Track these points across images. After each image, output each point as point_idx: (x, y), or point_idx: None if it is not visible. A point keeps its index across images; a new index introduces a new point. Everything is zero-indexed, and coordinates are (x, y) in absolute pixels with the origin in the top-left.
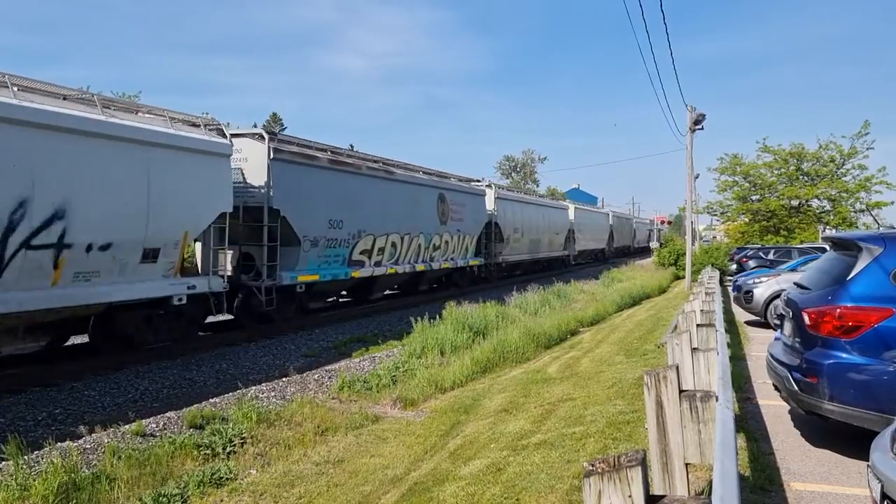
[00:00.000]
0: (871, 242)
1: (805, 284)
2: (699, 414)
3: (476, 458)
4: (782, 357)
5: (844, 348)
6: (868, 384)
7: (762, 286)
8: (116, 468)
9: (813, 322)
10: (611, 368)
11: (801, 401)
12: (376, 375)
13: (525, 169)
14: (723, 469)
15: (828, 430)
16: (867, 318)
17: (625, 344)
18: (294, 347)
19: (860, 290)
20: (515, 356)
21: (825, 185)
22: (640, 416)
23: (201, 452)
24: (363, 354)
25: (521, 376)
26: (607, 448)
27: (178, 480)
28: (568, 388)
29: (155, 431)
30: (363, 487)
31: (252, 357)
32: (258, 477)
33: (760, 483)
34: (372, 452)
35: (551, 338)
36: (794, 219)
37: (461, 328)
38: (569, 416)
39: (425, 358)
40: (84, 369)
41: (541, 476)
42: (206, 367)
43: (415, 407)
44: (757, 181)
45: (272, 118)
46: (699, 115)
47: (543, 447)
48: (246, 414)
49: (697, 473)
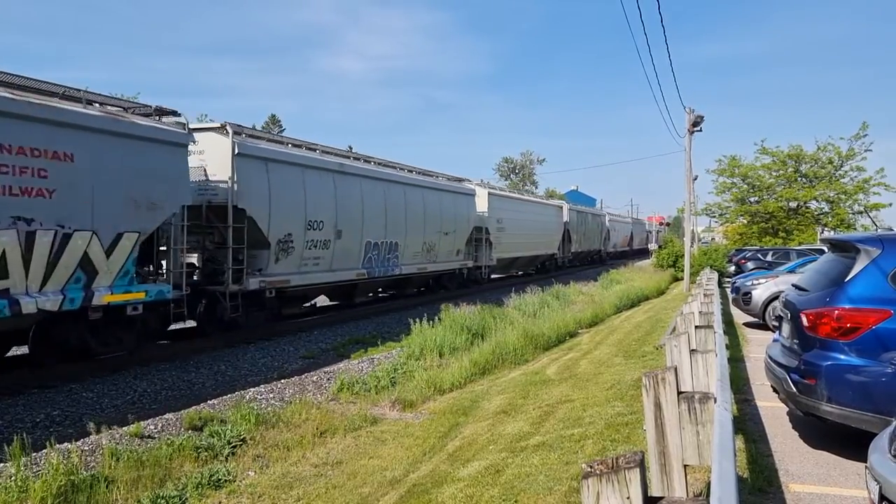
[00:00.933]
0: (868, 244)
1: (803, 286)
2: (697, 415)
3: (475, 460)
4: (781, 359)
5: (842, 350)
6: (866, 386)
7: (760, 288)
8: (115, 470)
9: (811, 324)
10: (609, 370)
11: (799, 402)
12: (375, 377)
13: (524, 171)
14: (721, 470)
15: (826, 431)
16: (865, 319)
17: (623, 346)
18: (293, 349)
19: (858, 291)
20: (514, 358)
21: (823, 186)
22: (638, 417)
23: (200, 454)
24: (362, 356)
25: (520, 378)
26: (606, 450)
27: (177, 482)
28: (567, 389)
29: (153, 433)
30: (362, 489)
31: (250, 359)
32: (257, 479)
33: (759, 485)
34: (371, 454)
35: (550, 339)
36: (792, 220)
37: (460, 330)
38: (567, 418)
39: (424, 359)
40: (82, 371)
41: (539, 478)
42: (204, 368)
43: (413, 408)
44: (755, 183)
45: (271, 120)
46: (697, 117)
47: (542, 449)
48: (244, 416)
49: (696, 475)
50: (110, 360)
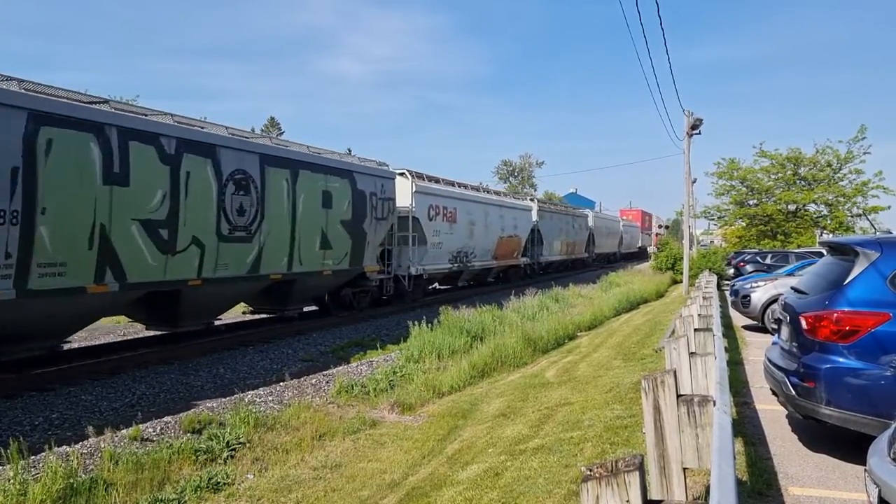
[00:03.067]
0: (867, 247)
1: (802, 289)
2: (697, 418)
3: (474, 463)
4: (780, 361)
5: (842, 353)
6: (865, 388)
7: (759, 290)
8: (114, 473)
9: (810, 326)
10: (609, 373)
11: (798, 405)
12: (374, 380)
13: (523, 173)
14: (720, 473)
15: (825, 434)
16: (864, 322)
17: (623, 348)
18: (291, 352)
19: (857, 294)
20: (513, 360)
21: (822, 189)
22: (637, 420)
23: (199, 457)
24: (361, 359)
25: (519, 381)
26: (605, 453)
27: (176, 485)
28: (566, 392)
29: (152, 436)
30: (361, 492)
31: (249, 362)
32: (255, 482)
33: (758, 488)
34: (370, 457)
35: (549, 342)
36: (791, 223)
37: (459, 333)
38: (567, 421)
39: (423, 362)
40: (81, 374)
41: (539, 481)
42: (203, 371)
43: (412, 411)
44: (754, 186)
45: (270, 122)
46: (696, 119)
47: (541, 452)
48: (243, 418)
49: (695, 478)
50: (107, 363)
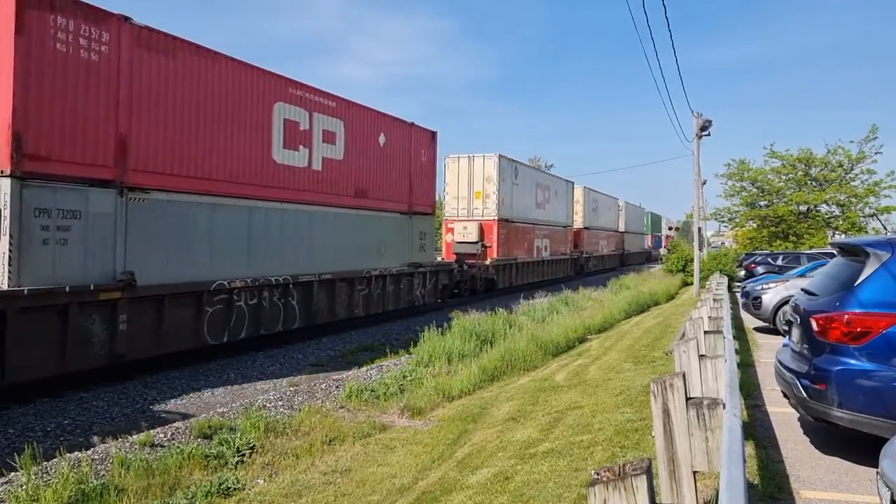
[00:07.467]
0: (878, 248)
1: (813, 290)
2: (706, 421)
3: (484, 467)
4: (791, 364)
5: (853, 354)
6: (877, 390)
7: (771, 292)
8: (125, 479)
9: (821, 328)
10: (619, 376)
11: (809, 408)
12: (384, 384)
13: None
14: (730, 477)
15: (837, 437)
16: (876, 324)
17: (633, 351)
18: (301, 357)
19: (868, 295)
20: (523, 364)
21: (834, 190)
22: (648, 423)
23: (209, 462)
24: (370, 363)
25: (529, 384)
26: (615, 456)
27: (186, 491)
28: (576, 395)
29: (163, 441)
30: (371, 497)
31: (259, 367)
32: (266, 487)
33: (770, 491)
34: (379, 462)
35: (559, 345)
36: (802, 224)
37: (468, 336)
38: (577, 425)
39: (432, 366)
40: (92, 380)
41: (548, 485)
42: (213, 377)
43: (422, 416)
44: (765, 187)
45: None
46: (705, 121)
47: (551, 456)
48: (254, 423)
49: (706, 482)
50: (117, 367)
